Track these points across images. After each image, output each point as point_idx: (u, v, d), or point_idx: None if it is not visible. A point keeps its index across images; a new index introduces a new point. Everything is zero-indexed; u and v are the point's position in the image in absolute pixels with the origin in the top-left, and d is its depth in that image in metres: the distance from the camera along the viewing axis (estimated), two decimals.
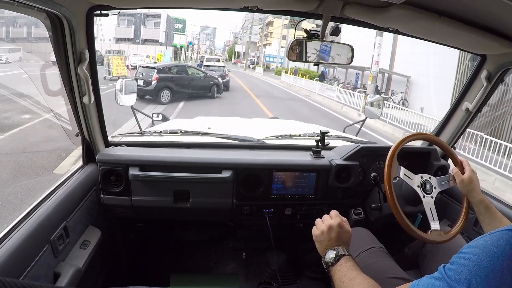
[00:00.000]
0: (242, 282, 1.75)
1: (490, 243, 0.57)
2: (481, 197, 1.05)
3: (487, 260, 0.55)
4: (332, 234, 0.89)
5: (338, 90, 13.90)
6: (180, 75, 11.62)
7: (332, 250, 0.87)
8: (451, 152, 1.21)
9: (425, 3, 0.97)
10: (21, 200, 3.15)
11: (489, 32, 1.07)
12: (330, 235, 0.89)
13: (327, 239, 0.89)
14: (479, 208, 1.04)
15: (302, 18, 1.27)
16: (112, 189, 1.38)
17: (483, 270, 0.55)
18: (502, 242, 0.56)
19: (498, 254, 0.55)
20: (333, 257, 0.85)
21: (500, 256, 0.55)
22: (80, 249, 1.15)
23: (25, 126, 5.59)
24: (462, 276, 0.57)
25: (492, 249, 0.56)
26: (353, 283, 0.77)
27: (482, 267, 0.55)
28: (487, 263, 0.55)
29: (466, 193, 1.08)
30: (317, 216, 1.00)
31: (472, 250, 0.59)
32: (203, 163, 1.41)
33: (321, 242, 0.91)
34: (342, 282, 0.79)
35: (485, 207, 1.02)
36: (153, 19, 31.95)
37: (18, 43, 12.90)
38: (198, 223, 1.83)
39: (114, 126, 5.11)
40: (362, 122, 2.09)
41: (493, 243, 0.57)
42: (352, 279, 0.78)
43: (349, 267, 0.81)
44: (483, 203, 1.03)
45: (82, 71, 1.11)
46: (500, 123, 7.04)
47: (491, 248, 0.56)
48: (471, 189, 1.06)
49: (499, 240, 0.57)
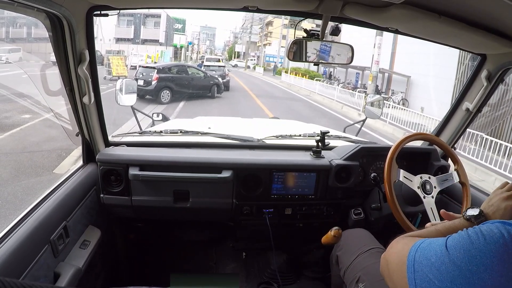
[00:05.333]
0: (242, 282, 1.75)
1: None
2: None
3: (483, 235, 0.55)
4: (499, 203, 0.78)
5: (338, 90, 13.89)
6: (180, 75, 11.61)
7: (482, 213, 0.76)
8: (451, 152, 1.21)
9: (425, 3, 0.97)
10: (21, 200, 3.15)
11: (489, 32, 1.07)
12: (496, 201, 0.79)
13: (492, 202, 0.79)
14: None
15: (302, 18, 1.27)
16: (112, 189, 1.38)
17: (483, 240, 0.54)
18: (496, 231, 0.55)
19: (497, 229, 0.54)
20: (477, 217, 0.75)
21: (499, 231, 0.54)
22: (80, 249, 1.15)
23: (25, 126, 5.59)
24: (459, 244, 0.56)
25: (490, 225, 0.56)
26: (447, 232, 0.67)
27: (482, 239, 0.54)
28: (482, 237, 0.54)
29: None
30: (317, 216, 0.99)
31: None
32: (203, 163, 1.41)
33: (490, 198, 0.81)
34: (444, 229, 0.74)
35: None
36: (153, 19, 31.92)
37: (18, 43, 12.90)
38: (198, 223, 1.83)
39: (114, 126, 5.11)
40: (362, 122, 2.09)
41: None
42: (443, 231, 0.72)
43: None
44: None
45: (82, 71, 1.11)
46: (500, 123, 7.03)
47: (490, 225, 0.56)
48: None
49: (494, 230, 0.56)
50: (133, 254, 1.77)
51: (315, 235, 1.37)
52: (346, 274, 1.20)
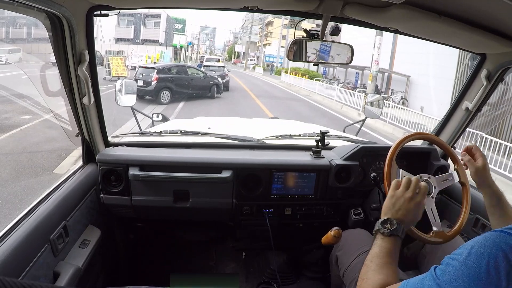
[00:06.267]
0: (242, 282, 1.75)
1: (478, 243, 0.58)
2: (495, 187, 0.95)
3: (473, 259, 0.56)
4: (406, 206, 0.81)
5: (338, 89, 13.90)
6: (180, 75, 11.62)
7: (394, 222, 0.79)
8: (451, 152, 1.21)
9: (425, 3, 0.97)
10: (20, 200, 3.15)
11: (489, 32, 1.07)
12: (403, 204, 0.82)
13: (398, 206, 0.82)
14: (492, 199, 0.94)
15: (302, 18, 1.27)
16: (112, 189, 1.38)
17: (469, 270, 0.56)
18: (488, 243, 0.57)
19: (484, 254, 0.56)
20: (389, 228, 0.78)
21: (487, 256, 0.55)
22: (79, 248, 1.15)
23: (25, 126, 5.59)
24: (450, 275, 0.58)
25: (479, 250, 0.57)
26: (377, 270, 0.72)
27: (468, 267, 0.56)
28: (473, 262, 0.56)
29: (480, 183, 0.97)
30: (317, 216, 0.99)
31: (461, 251, 0.60)
32: (203, 163, 1.41)
33: (392, 203, 0.83)
34: (371, 262, 0.75)
35: (498, 198, 0.93)
36: (153, 19, 31.92)
37: (18, 43, 12.90)
38: (198, 223, 1.83)
39: (114, 126, 5.12)
40: (362, 122, 2.09)
41: (480, 244, 0.58)
42: (379, 267, 0.73)
43: (388, 252, 0.75)
44: (497, 193, 0.94)
45: (82, 71, 1.11)
46: (500, 123, 7.03)
47: (478, 249, 0.57)
48: (486, 177, 0.96)
49: (486, 241, 0.58)
50: (133, 254, 1.77)
51: (315, 235, 1.37)
52: (345, 274, 1.20)
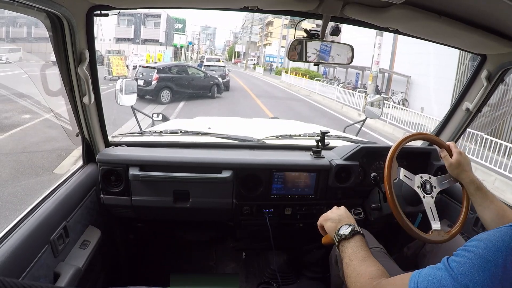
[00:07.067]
0: (242, 282, 1.75)
1: (494, 237, 0.58)
2: (471, 178, 1.04)
3: (491, 254, 0.56)
4: (343, 213, 0.91)
5: (338, 90, 13.89)
6: (180, 75, 11.61)
7: (348, 225, 0.85)
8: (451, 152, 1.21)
9: (425, 3, 0.97)
10: (20, 200, 3.15)
11: (489, 32, 1.07)
12: (341, 214, 0.91)
13: (338, 216, 0.90)
14: (470, 188, 1.03)
15: (302, 18, 1.27)
16: (112, 189, 1.38)
17: (486, 264, 0.55)
18: (506, 237, 0.57)
19: (502, 248, 0.56)
20: (348, 231, 0.83)
21: (504, 251, 0.55)
22: (80, 249, 1.15)
23: (25, 126, 5.59)
24: (465, 268, 0.57)
25: (496, 244, 0.57)
26: (363, 264, 0.75)
27: (485, 261, 0.56)
28: (491, 256, 0.56)
29: (456, 176, 1.08)
30: (317, 216, 0.99)
31: (476, 243, 0.59)
32: (203, 163, 1.41)
33: (332, 219, 0.91)
34: (351, 261, 0.78)
35: (476, 187, 1.02)
36: (153, 19, 31.92)
37: (18, 43, 12.90)
38: (198, 223, 1.83)
39: (114, 126, 5.11)
40: (362, 122, 2.09)
41: (497, 238, 0.58)
42: (362, 260, 0.76)
43: (361, 246, 0.80)
44: (474, 183, 1.03)
45: (82, 71, 1.11)
46: (500, 123, 7.04)
47: (495, 243, 0.57)
48: (461, 171, 1.06)
49: (503, 235, 0.58)
50: (133, 254, 1.77)
51: (315, 235, 1.37)
52: None
